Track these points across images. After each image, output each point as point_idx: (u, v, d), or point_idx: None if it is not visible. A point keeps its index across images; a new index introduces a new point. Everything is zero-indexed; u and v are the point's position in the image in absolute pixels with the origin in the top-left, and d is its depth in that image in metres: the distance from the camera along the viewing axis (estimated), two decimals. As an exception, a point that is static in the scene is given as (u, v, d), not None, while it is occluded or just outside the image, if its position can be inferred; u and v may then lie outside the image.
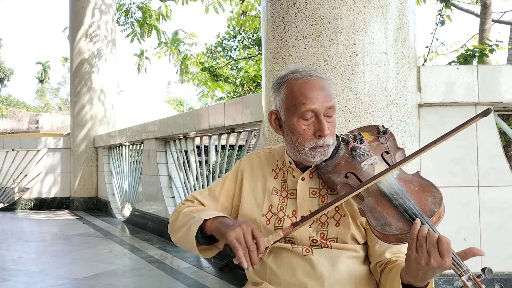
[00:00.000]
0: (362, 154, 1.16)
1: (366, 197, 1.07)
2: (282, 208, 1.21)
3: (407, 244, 0.98)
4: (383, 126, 1.25)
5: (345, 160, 1.18)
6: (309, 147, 1.14)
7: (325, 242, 1.15)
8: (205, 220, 1.13)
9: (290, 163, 1.24)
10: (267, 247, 1.06)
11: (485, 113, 1.04)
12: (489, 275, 0.88)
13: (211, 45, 15.66)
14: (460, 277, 0.89)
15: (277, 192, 1.24)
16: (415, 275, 0.96)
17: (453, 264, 0.91)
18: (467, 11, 8.87)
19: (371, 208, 1.04)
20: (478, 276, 0.88)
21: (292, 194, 1.22)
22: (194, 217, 1.17)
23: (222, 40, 16.15)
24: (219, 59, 14.01)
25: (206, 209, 1.26)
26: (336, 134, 1.21)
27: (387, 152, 1.19)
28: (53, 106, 42.23)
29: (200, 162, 4.37)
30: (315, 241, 1.15)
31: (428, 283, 0.99)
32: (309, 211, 1.17)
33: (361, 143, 1.21)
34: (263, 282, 1.18)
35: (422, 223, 0.95)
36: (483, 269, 0.88)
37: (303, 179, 1.21)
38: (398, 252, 1.14)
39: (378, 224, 1.01)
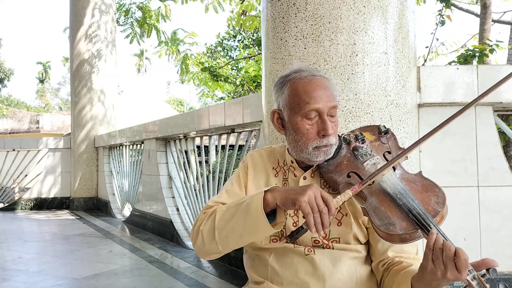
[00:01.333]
0: (364, 154, 1.17)
1: (369, 196, 1.07)
2: None
3: (409, 243, 0.99)
4: (384, 126, 1.25)
5: (347, 159, 1.18)
6: (312, 146, 1.14)
7: (327, 242, 1.14)
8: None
9: (292, 162, 1.24)
10: (337, 208, 1.03)
11: None
12: (494, 275, 0.88)
13: (211, 45, 15.65)
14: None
15: None
16: (428, 284, 0.95)
17: None
18: (467, 11, 8.87)
19: (374, 207, 1.04)
20: (483, 276, 0.88)
21: None
22: (244, 201, 1.08)
23: (222, 40, 16.15)
24: (219, 59, 14.00)
25: (243, 196, 1.19)
26: (337, 134, 1.21)
27: (389, 152, 1.20)
28: (53, 106, 42.23)
29: (200, 162, 4.37)
30: (317, 242, 1.15)
31: None
32: None
33: (362, 143, 1.22)
34: (264, 281, 1.18)
35: (430, 230, 0.94)
36: (487, 269, 0.88)
37: (304, 178, 1.21)
38: (400, 251, 1.14)
39: (382, 224, 1.01)
